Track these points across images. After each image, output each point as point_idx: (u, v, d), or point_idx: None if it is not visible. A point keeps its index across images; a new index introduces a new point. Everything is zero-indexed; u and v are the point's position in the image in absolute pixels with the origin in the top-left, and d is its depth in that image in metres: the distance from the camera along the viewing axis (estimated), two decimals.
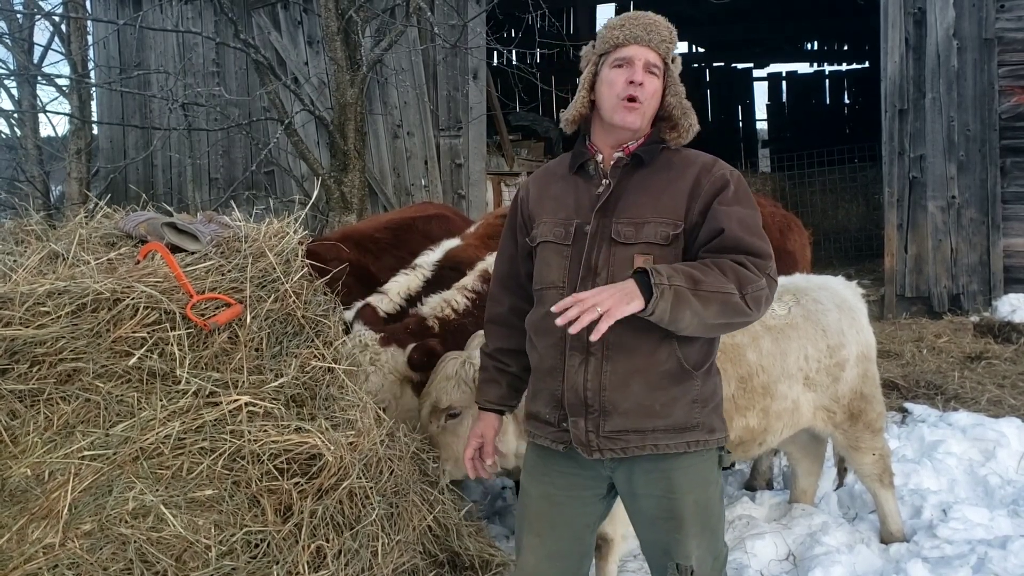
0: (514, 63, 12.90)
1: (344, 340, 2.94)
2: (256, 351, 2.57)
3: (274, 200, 8.20)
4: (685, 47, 17.75)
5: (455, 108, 9.77)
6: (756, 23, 16.27)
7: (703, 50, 18.28)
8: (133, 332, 2.42)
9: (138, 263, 2.67)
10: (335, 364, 2.73)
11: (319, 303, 2.87)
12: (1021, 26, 8.41)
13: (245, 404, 2.43)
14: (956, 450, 4.64)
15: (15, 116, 10.69)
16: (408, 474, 2.84)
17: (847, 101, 18.28)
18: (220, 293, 2.59)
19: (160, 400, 2.39)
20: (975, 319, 8.04)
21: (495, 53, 12.34)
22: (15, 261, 2.66)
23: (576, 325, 2.00)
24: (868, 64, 17.39)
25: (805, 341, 3.39)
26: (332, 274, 3.21)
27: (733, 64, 18.64)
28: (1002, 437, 4.71)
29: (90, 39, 10.92)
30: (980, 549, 3.50)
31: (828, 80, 18.44)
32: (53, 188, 11.74)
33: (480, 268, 3.77)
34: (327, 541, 2.40)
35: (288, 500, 2.40)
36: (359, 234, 4.81)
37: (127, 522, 2.22)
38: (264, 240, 2.82)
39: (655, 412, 2.18)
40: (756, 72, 18.99)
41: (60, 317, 2.39)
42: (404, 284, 3.89)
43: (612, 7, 16.56)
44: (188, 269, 2.63)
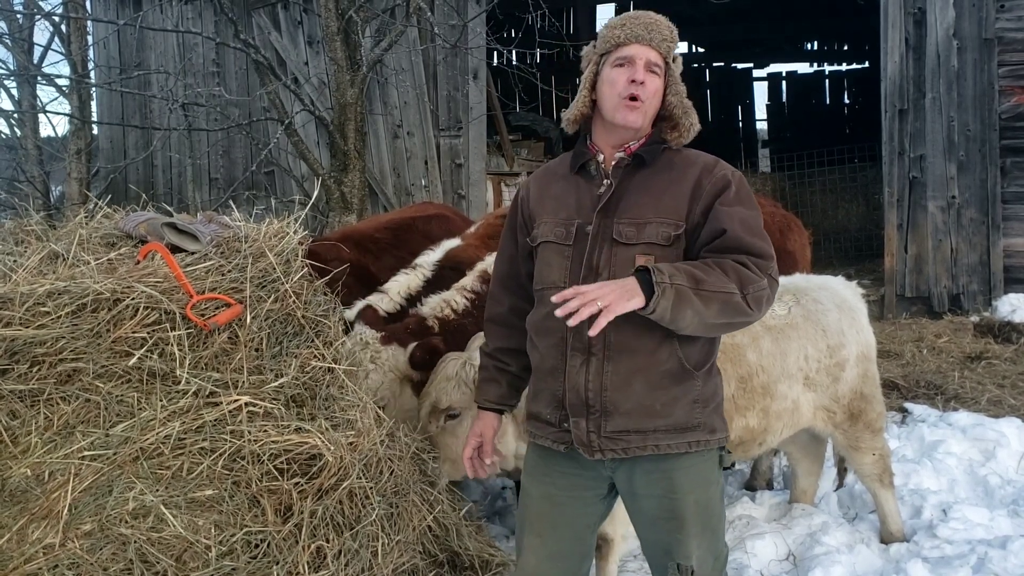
0: (514, 63, 12.90)
1: (344, 340, 2.95)
2: (256, 351, 2.57)
3: (274, 200, 8.21)
4: (685, 47, 17.75)
5: (455, 108, 9.77)
6: (756, 23, 16.27)
7: (703, 50, 18.28)
8: (133, 332, 2.42)
9: (138, 263, 2.67)
10: (335, 364, 2.73)
11: (319, 303, 2.87)
12: (1021, 26, 8.41)
13: (245, 404, 2.43)
14: (956, 450, 4.64)
15: (15, 116, 10.68)
16: (408, 474, 2.84)
17: (847, 101, 18.28)
18: (220, 293, 2.59)
19: (160, 400, 2.39)
20: (975, 319, 8.04)
21: (495, 53, 12.34)
22: (15, 261, 2.65)
23: (575, 318, 2.00)
24: (868, 64, 17.38)
25: (805, 341, 3.39)
26: (332, 274, 3.21)
27: (733, 64, 18.64)
28: (1002, 437, 4.71)
29: (90, 39, 10.91)
30: (980, 549, 3.50)
31: (828, 80, 18.43)
32: (53, 188, 11.73)
33: (479, 268, 3.77)
34: (327, 541, 2.40)
35: (288, 500, 2.40)
36: (359, 234, 4.80)
37: (127, 522, 2.22)
38: (264, 240, 2.82)
39: (656, 412, 2.18)
40: (756, 72, 18.99)
41: (60, 317, 2.39)
42: (404, 284, 3.89)
43: (612, 7, 16.57)
44: (188, 269, 2.63)
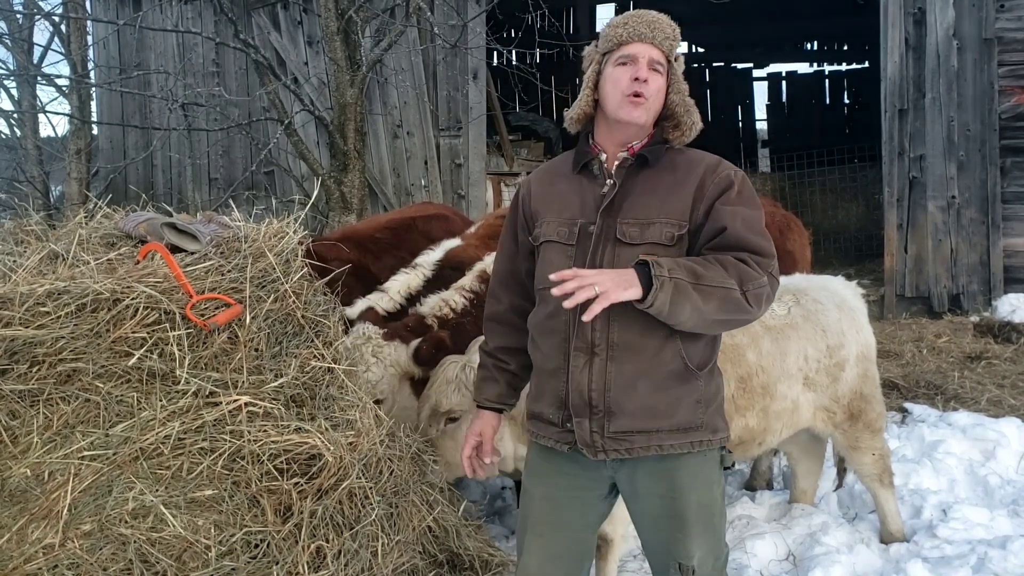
0: (514, 63, 12.89)
1: (344, 340, 2.94)
2: (256, 351, 2.57)
3: (274, 200, 8.22)
4: (685, 47, 17.73)
5: (455, 108, 9.77)
6: (756, 23, 16.26)
7: (703, 50, 18.26)
8: (133, 332, 2.42)
9: (138, 263, 2.67)
10: (335, 364, 2.73)
11: (319, 303, 2.87)
12: (1021, 26, 8.41)
13: (245, 404, 2.43)
14: (956, 450, 4.64)
15: (15, 116, 10.68)
16: (408, 474, 2.84)
17: (847, 101, 18.25)
18: (220, 293, 2.59)
19: (160, 400, 2.39)
20: (975, 319, 8.04)
21: (495, 53, 12.34)
22: (15, 261, 2.65)
23: (571, 300, 2.01)
24: (868, 64, 17.37)
25: (805, 341, 3.39)
26: (333, 275, 3.21)
27: (733, 64, 18.61)
28: (1002, 437, 4.71)
29: (90, 39, 10.91)
30: (980, 549, 3.50)
31: (828, 80, 18.41)
32: (53, 188, 11.73)
33: (478, 268, 3.77)
34: (327, 541, 2.40)
35: (288, 500, 2.40)
36: (359, 234, 4.81)
37: (127, 522, 2.22)
38: (264, 240, 2.82)
39: (660, 413, 2.18)
40: (756, 72, 18.97)
41: (60, 317, 2.39)
42: (404, 283, 3.89)
43: (612, 7, 16.58)
44: (188, 269, 2.63)
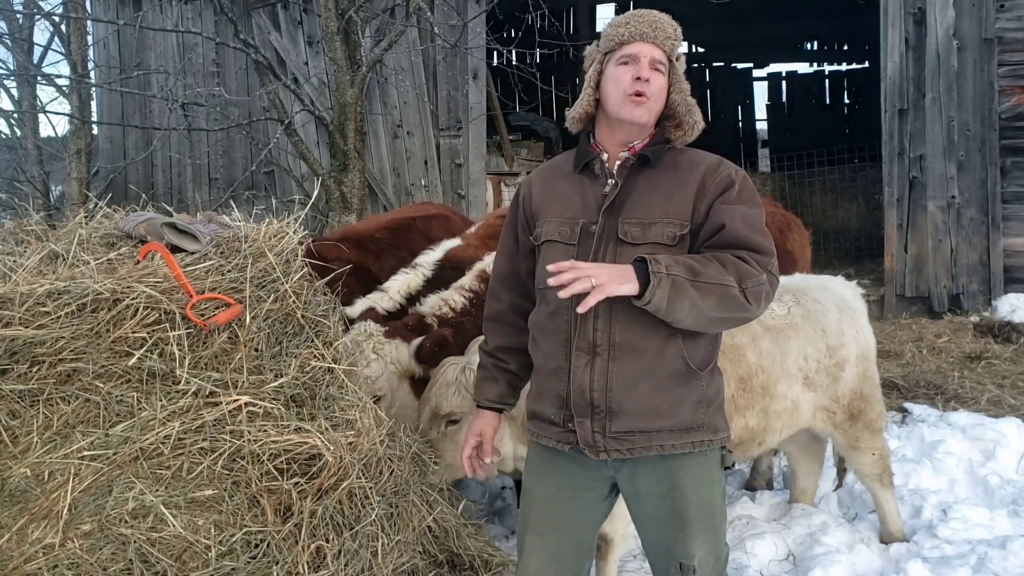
0: (514, 63, 12.89)
1: (344, 340, 2.94)
2: (256, 351, 2.57)
3: (274, 200, 8.22)
4: (685, 47, 17.72)
5: (455, 108, 9.77)
6: (756, 23, 16.26)
7: (703, 50, 18.26)
8: (133, 332, 2.42)
9: (138, 263, 2.67)
10: (335, 364, 2.73)
11: (319, 303, 2.87)
12: (1021, 26, 8.41)
13: (245, 404, 2.43)
14: (956, 450, 4.64)
15: (15, 116, 10.68)
16: (408, 474, 2.84)
17: (847, 101, 18.25)
18: (220, 293, 2.59)
19: (160, 400, 2.39)
20: (975, 319, 8.04)
21: (495, 53, 12.34)
22: (15, 261, 2.65)
23: (567, 290, 2.01)
24: (868, 64, 17.37)
25: (805, 341, 3.39)
26: (333, 275, 3.21)
27: (733, 64, 18.61)
28: (1002, 437, 4.71)
29: (90, 39, 10.91)
30: (980, 549, 3.50)
31: (828, 80, 18.41)
32: (53, 188, 11.74)
33: (478, 268, 3.77)
34: (327, 541, 2.40)
35: (288, 500, 2.40)
36: (359, 234, 4.81)
37: (127, 522, 2.22)
38: (264, 240, 2.82)
39: (662, 413, 2.19)
40: (756, 72, 18.96)
41: (60, 317, 2.39)
42: (404, 283, 3.90)
43: (612, 7, 16.58)
44: (188, 269, 2.63)
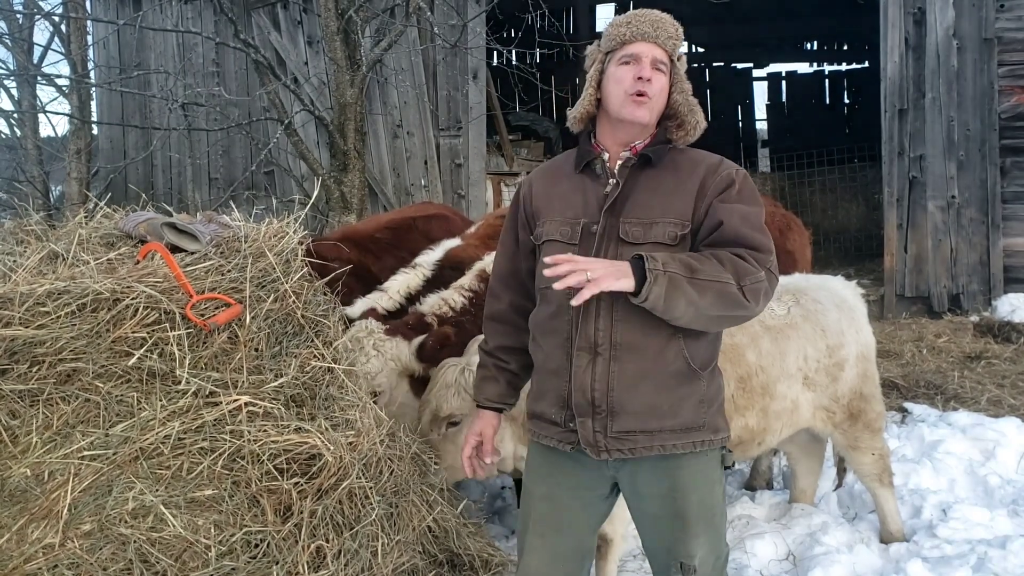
0: (514, 63, 12.89)
1: (344, 340, 2.94)
2: (256, 351, 2.57)
3: (274, 200, 8.22)
4: (686, 47, 17.67)
5: (455, 108, 9.77)
6: (756, 23, 16.27)
7: (703, 50, 18.26)
8: (133, 332, 2.42)
9: (138, 263, 2.67)
10: (335, 364, 2.73)
11: (319, 303, 2.87)
12: (1021, 26, 8.41)
13: (245, 404, 2.43)
14: (956, 450, 4.63)
15: (15, 116, 10.68)
16: (408, 474, 2.84)
17: (847, 101, 18.25)
18: (220, 293, 2.59)
19: (160, 400, 2.39)
20: (975, 319, 8.04)
21: (495, 53, 12.34)
22: (15, 261, 2.65)
23: (562, 283, 2.02)
24: (868, 64, 17.37)
25: (804, 341, 3.39)
26: (332, 275, 3.21)
27: (733, 64, 18.61)
28: (1002, 437, 4.71)
29: (90, 39, 10.91)
30: (980, 549, 3.50)
31: (828, 80, 18.41)
32: (53, 188, 11.74)
33: (477, 268, 3.78)
34: (327, 541, 2.40)
35: (288, 500, 2.40)
36: (359, 234, 4.81)
37: (127, 522, 2.22)
38: (264, 240, 2.82)
39: (664, 413, 2.19)
40: (756, 72, 18.96)
41: (60, 317, 2.39)
42: (404, 282, 3.90)
43: (612, 7, 16.58)
44: (188, 269, 2.63)
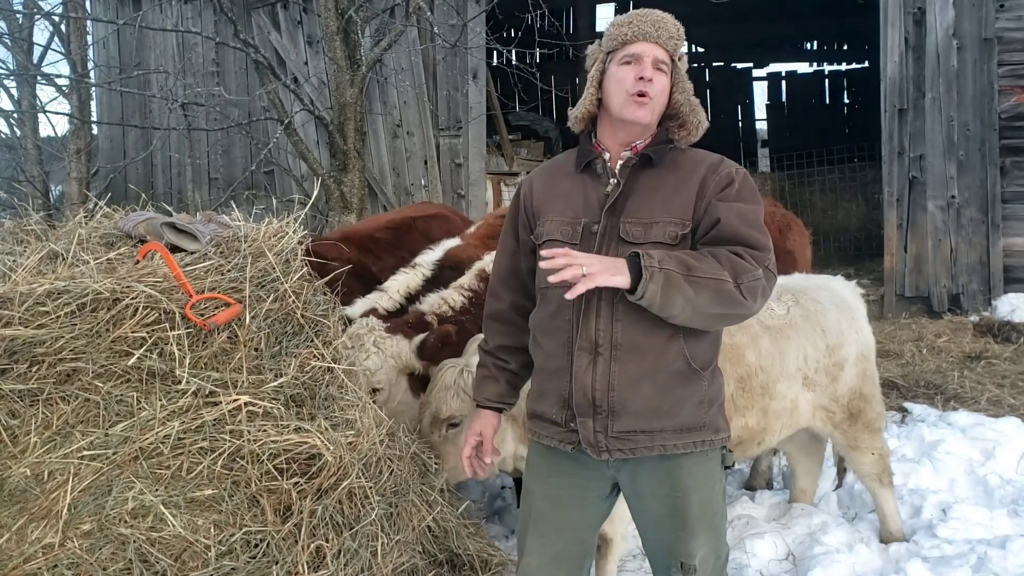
0: (514, 63, 12.89)
1: (344, 339, 2.94)
2: (255, 351, 2.57)
3: (274, 200, 8.22)
4: (686, 47, 17.66)
5: (455, 108, 9.77)
6: (756, 23, 16.26)
7: (703, 50, 18.26)
8: (132, 332, 2.42)
9: (137, 263, 2.67)
10: (334, 364, 2.73)
11: (319, 303, 2.87)
12: (1021, 26, 8.41)
13: (244, 404, 2.43)
14: (956, 450, 4.63)
15: (15, 116, 10.67)
16: (408, 474, 2.84)
17: (847, 101, 18.24)
18: (219, 293, 2.59)
19: (160, 400, 2.39)
20: (975, 319, 8.04)
21: (495, 53, 12.34)
22: (15, 261, 2.65)
23: (557, 276, 2.02)
24: (868, 64, 17.37)
25: (804, 341, 3.39)
26: (332, 275, 3.21)
27: (733, 64, 18.61)
28: (1002, 437, 4.71)
29: (90, 39, 10.90)
30: (980, 549, 3.50)
31: (828, 80, 18.41)
32: (53, 188, 11.73)
33: (477, 267, 3.78)
34: (327, 541, 2.40)
35: (288, 500, 2.40)
36: (359, 234, 4.81)
37: (127, 522, 2.22)
38: (264, 240, 2.82)
39: (664, 413, 2.19)
40: (756, 72, 18.96)
41: (59, 317, 2.39)
42: (404, 282, 3.90)
43: (612, 7, 16.58)
44: (187, 269, 2.63)
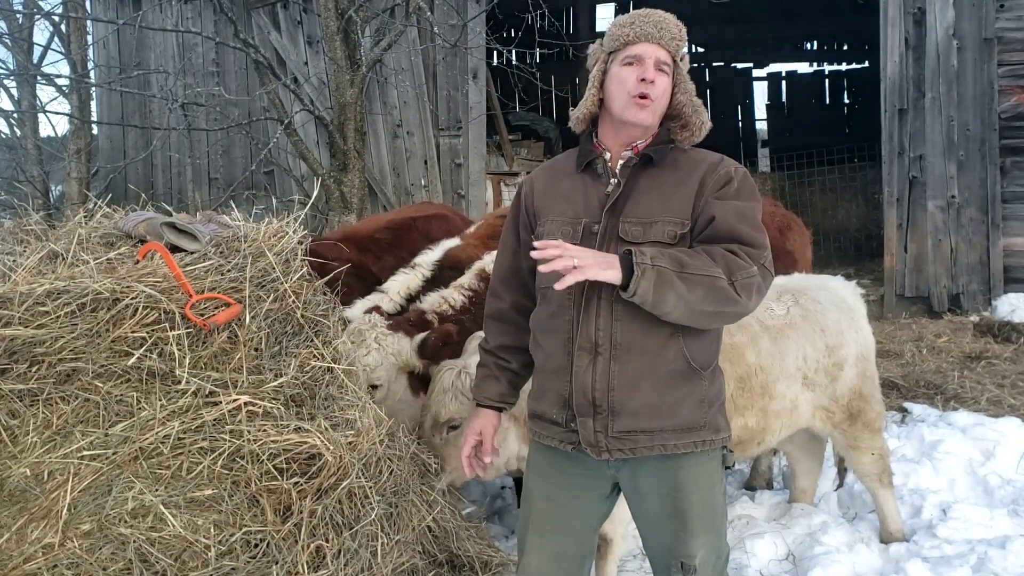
0: (514, 63, 12.89)
1: (344, 339, 2.95)
2: (255, 351, 2.57)
3: (274, 200, 8.22)
4: (686, 47, 17.66)
5: (455, 108, 9.77)
6: (756, 23, 16.27)
7: (703, 50, 18.26)
8: (132, 332, 2.42)
9: (137, 263, 2.67)
10: (334, 364, 2.73)
11: (318, 303, 2.87)
12: (1021, 26, 8.40)
13: (244, 404, 2.43)
14: (956, 450, 4.63)
15: (15, 116, 10.68)
16: (407, 474, 2.84)
17: (847, 101, 18.25)
18: (219, 293, 2.59)
19: (159, 400, 2.39)
20: (975, 319, 8.04)
21: (495, 53, 12.34)
22: (15, 261, 2.66)
23: (548, 266, 2.02)
24: (868, 64, 17.36)
25: (804, 341, 3.38)
26: (332, 275, 3.21)
27: (733, 64, 18.61)
28: (1002, 437, 4.71)
29: (90, 39, 10.90)
30: (980, 549, 3.50)
31: (828, 80, 18.41)
32: (53, 188, 11.73)
33: (477, 267, 3.78)
34: (326, 541, 2.40)
35: (287, 500, 2.40)
36: (359, 234, 4.81)
37: (126, 522, 2.23)
38: (263, 240, 2.82)
39: (664, 412, 2.19)
40: (756, 72, 18.96)
41: (59, 317, 2.40)
42: (404, 283, 3.90)
43: (612, 7, 16.58)
44: (187, 269, 2.63)
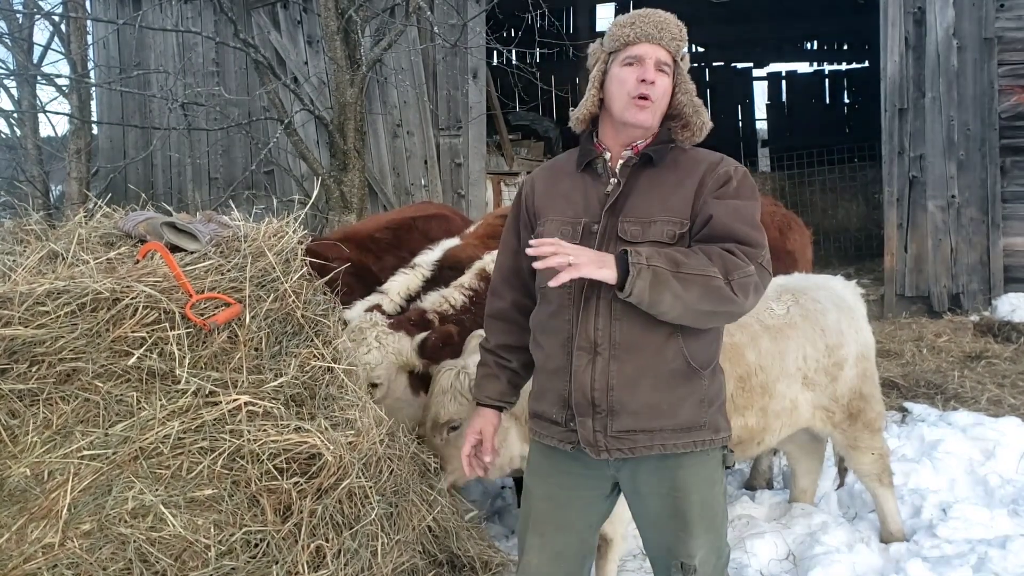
0: (514, 63, 12.89)
1: (344, 339, 2.94)
2: (255, 351, 2.57)
3: (274, 200, 8.23)
4: (687, 47, 17.66)
5: (455, 108, 9.76)
6: (756, 23, 16.27)
7: (703, 50, 18.26)
8: (132, 332, 2.42)
9: (137, 263, 2.67)
10: (334, 364, 2.73)
11: (318, 303, 2.87)
12: (1021, 26, 8.40)
13: (244, 404, 2.43)
14: (956, 449, 4.63)
15: (15, 116, 10.68)
16: (408, 474, 2.84)
17: (847, 101, 18.25)
18: (219, 293, 2.59)
19: (159, 400, 2.39)
20: (975, 318, 8.04)
21: (495, 53, 12.34)
22: (15, 261, 2.66)
23: (542, 263, 2.03)
24: (868, 64, 17.37)
25: (804, 341, 3.39)
26: (332, 274, 3.21)
27: (733, 64, 18.61)
28: (1002, 436, 4.71)
29: (90, 39, 10.90)
30: (980, 548, 3.50)
31: (828, 80, 18.41)
32: (53, 188, 11.73)
33: (477, 267, 3.78)
34: (326, 541, 2.40)
35: (287, 500, 2.40)
36: (359, 234, 4.81)
37: (126, 522, 2.23)
38: (263, 240, 2.82)
39: (663, 412, 2.19)
40: (756, 72, 18.96)
41: (59, 317, 2.39)
42: (404, 283, 3.90)
43: (612, 7, 16.58)
44: (187, 269, 2.63)
